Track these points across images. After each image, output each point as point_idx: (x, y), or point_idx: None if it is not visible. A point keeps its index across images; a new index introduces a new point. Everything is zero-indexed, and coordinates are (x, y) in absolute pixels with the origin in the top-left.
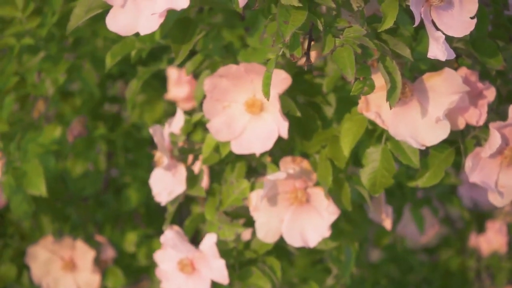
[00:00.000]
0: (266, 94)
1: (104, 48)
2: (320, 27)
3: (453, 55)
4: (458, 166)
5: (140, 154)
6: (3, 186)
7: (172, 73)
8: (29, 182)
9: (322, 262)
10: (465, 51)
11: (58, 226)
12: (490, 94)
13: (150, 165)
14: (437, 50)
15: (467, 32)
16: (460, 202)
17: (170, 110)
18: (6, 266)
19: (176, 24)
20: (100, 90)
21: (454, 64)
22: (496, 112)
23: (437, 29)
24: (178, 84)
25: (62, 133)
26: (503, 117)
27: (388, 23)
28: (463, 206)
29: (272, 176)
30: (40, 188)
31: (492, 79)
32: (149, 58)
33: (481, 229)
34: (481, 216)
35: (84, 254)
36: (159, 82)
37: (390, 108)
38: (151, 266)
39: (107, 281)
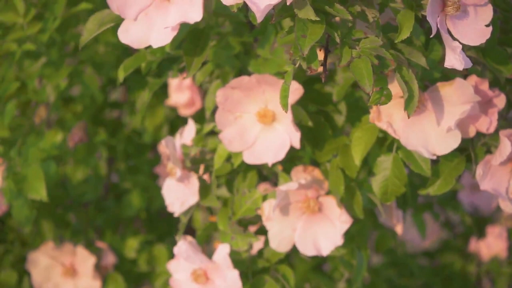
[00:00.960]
0: (285, 106)
1: (105, 53)
2: (337, 40)
3: (470, 64)
4: (468, 159)
5: (141, 159)
6: (3, 192)
7: (173, 79)
8: (30, 187)
9: (322, 267)
10: (475, 59)
11: (58, 232)
12: (500, 101)
13: (151, 171)
14: (454, 59)
15: (483, 41)
16: (461, 207)
17: (171, 116)
18: (6, 272)
19: (188, 37)
20: (101, 95)
21: (464, 71)
22: (505, 118)
23: (453, 38)
24: (179, 90)
25: (63, 138)
26: None
27: (405, 34)
28: (463, 211)
29: (284, 187)
30: (40, 193)
31: (502, 86)
32: (158, 67)
33: (481, 234)
34: (481, 221)
35: (84, 260)
36: (160, 88)
37: (408, 117)
38: (152, 272)
39: (108, 287)
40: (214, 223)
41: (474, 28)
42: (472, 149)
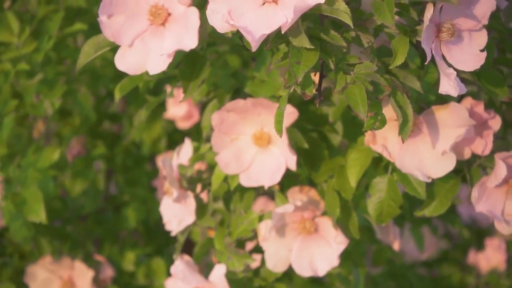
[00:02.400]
0: (279, 131)
1: (101, 67)
2: (332, 66)
3: (464, 90)
4: (463, 180)
5: (139, 172)
6: (2, 211)
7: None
8: (29, 209)
9: (321, 279)
10: (471, 80)
11: (57, 245)
12: (496, 123)
13: (149, 183)
14: (449, 86)
15: (478, 66)
16: (460, 220)
17: (169, 129)
18: (5, 285)
19: (184, 60)
20: (99, 108)
21: None
22: (503, 138)
23: (448, 63)
24: (176, 104)
25: (61, 153)
26: (510, 142)
27: (399, 60)
28: (462, 224)
29: (280, 209)
30: (40, 215)
31: (497, 108)
32: (156, 85)
33: (480, 246)
34: (480, 233)
35: (83, 274)
36: None
37: (403, 142)
38: (150, 285)
39: None
40: (211, 240)
41: (469, 53)
42: (467, 171)
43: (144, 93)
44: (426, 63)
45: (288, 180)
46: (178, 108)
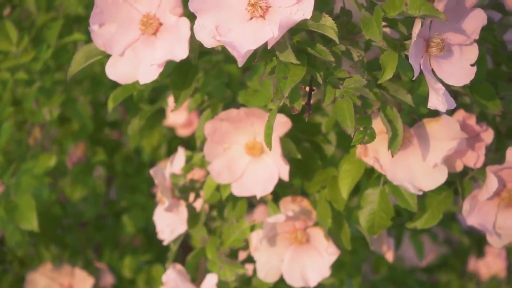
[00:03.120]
0: (268, 144)
1: (101, 74)
2: (320, 81)
3: (453, 105)
4: (456, 192)
5: (139, 179)
6: None
7: (171, 99)
8: (21, 216)
9: None
10: (463, 92)
11: (57, 252)
12: (488, 136)
13: (149, 190)
14: (437, 101)
15: (468, 81)
16: (460, 228)
17: (169, 136)
18: None
19: (176, 70)
20: (99, 115)
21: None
22: (496, 150)
23: (437, 78)
24: (176, 111)
25: (60, 159)
26: (503, 154)
27: (388, 75)
28: (462, 231)
29: (271, 219)
30: (32, 223)
31: (490, 120)
32: (151, 93)
33: (480, 254)
34: (480, 241)
35: (83, 281)
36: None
37: (392, 156)
38: None
39: None
40: (204, 249)
41: (459, 67)
42: (459, 183)
43: (139, 102)
44: (414, 78)
45: (282, 190)
46: (178, 116)
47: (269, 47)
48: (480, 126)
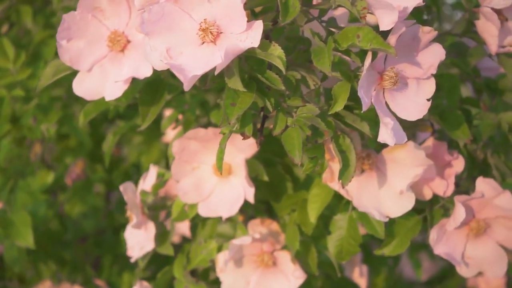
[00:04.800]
0: (220, 168)
1: None
2: (270, 108)
3: (404, 139)
4: (426, 220)
5: None
6: None
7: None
8: (17, 233)
9: None
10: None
11: (56, 268)
12: (459, 164)
13: None
14: (387, 135)
15: (421, 116)
16: None
17: (167, 152)
18: None
19: (146, 87)
20: (97, 131)
21: (427, 128)
22: (472, 178)
23: (391, 111)
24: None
25: (60, 175)
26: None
27: (339, 106)
28: None
29: (237, 241)
30: (27, 240)
31: (461, 149)
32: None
33: None
34: None
35: None
36: (156, 124)
37: (343, 187)
38: None
39: None
40: (172, 268)
41: (414, 102)
42: (428, 211)
43: (113, 118)
44: (362, 111)
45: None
46: (175, 132)
47: (215, 73)
48: (451, 154)
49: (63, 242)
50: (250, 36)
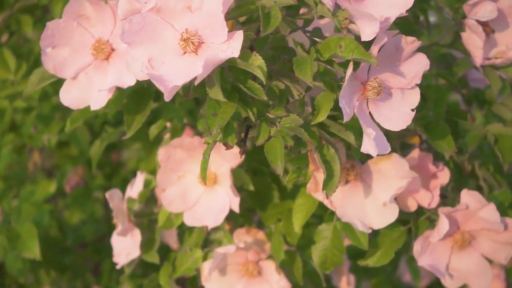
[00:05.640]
0: (204, 178)
1: None
2: (252, 119)
3: (387, 149)
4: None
5: None
6: None
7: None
8: (24, 245)
9: None
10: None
11: (56, 275)
12: (444, 176)
13: None
14: (369, 146)
15: (404, 126)
16: None
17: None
18: None
19: (131, 95)
20: (96, 138)
21: (415, 138)
22: (459, 189)
23: (375, 121)
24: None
25: (60, 183)
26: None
27: (322, 116)
28: None
29: (221, 249)
30: (34, 251)
31: (446, 161)
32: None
33: None
34: None
35: None
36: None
37: (327, 198)
38: None
39: None
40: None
41: (398, 111)
42: (413, 223)
43: (102, 125)
44: (344, 122)
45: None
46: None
47: (196, 84)
48: (437, 165)
49: (63, 248)
50: (231, 46)
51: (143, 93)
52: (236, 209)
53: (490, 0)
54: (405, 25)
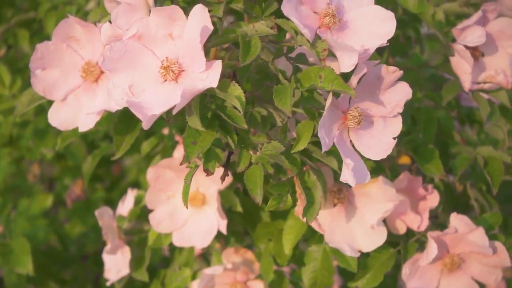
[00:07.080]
0: (185, 202)
1: None
2: (232, 146)
3: (366, 179)
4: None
5: None
6: None
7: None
8: (17, 261)
9: None
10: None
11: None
12: (433, 199)
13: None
14: (348, 175)
15: (385, 155)
16: None
17: None
18: None
19: (121, 116)
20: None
21: (406, 159)
22: (448, 210)
23: (356, 149)
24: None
25: (59, 193)
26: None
27: (302, 145)
28: None
29: (209, 270)
30: (27, 267)
31: (436, 184)
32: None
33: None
34: None
35: None
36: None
37: (308, 223)
38: None
39: None
40: None
41: (380, 140)
42: (403, 245)
43: (93, 141)
44: (323, 152)
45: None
46: (178, 152)
47: (174, 113)
48: (426, 188)
49: (63, 260)
50: (210, 76)
51: (132, 114)
52: (224, 230)
53: (479, 24)
54: (396, 45)
